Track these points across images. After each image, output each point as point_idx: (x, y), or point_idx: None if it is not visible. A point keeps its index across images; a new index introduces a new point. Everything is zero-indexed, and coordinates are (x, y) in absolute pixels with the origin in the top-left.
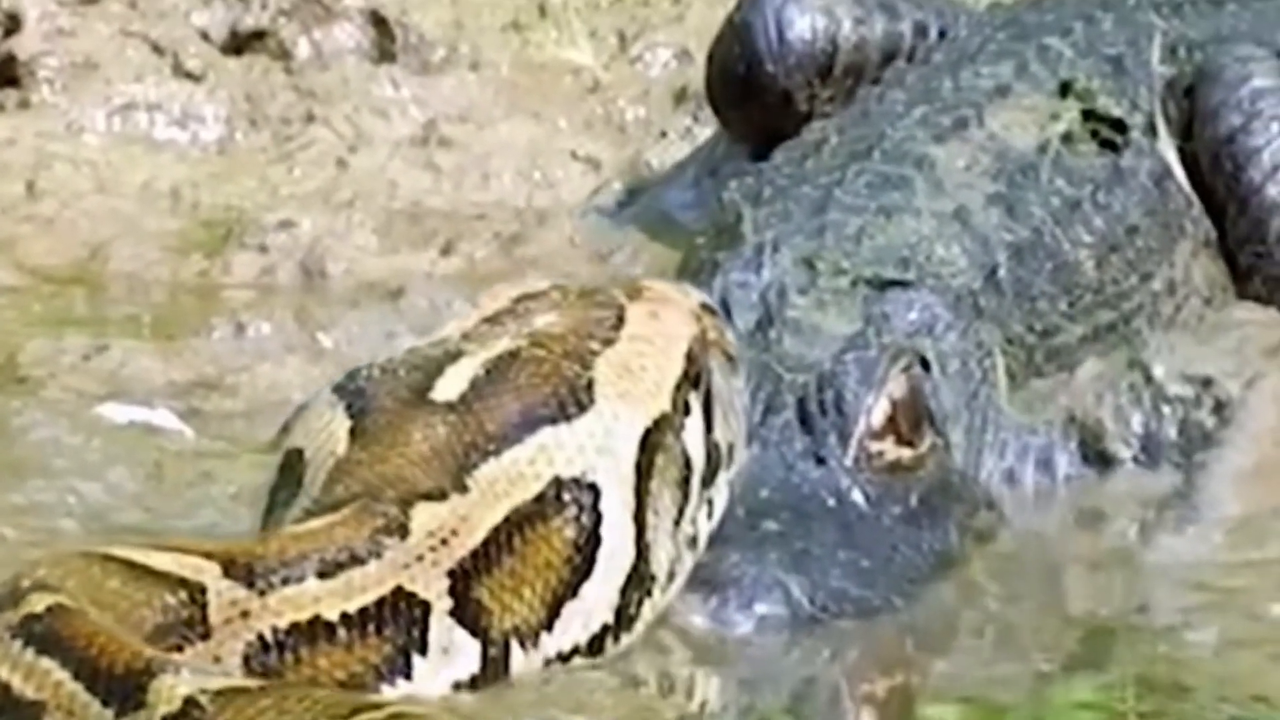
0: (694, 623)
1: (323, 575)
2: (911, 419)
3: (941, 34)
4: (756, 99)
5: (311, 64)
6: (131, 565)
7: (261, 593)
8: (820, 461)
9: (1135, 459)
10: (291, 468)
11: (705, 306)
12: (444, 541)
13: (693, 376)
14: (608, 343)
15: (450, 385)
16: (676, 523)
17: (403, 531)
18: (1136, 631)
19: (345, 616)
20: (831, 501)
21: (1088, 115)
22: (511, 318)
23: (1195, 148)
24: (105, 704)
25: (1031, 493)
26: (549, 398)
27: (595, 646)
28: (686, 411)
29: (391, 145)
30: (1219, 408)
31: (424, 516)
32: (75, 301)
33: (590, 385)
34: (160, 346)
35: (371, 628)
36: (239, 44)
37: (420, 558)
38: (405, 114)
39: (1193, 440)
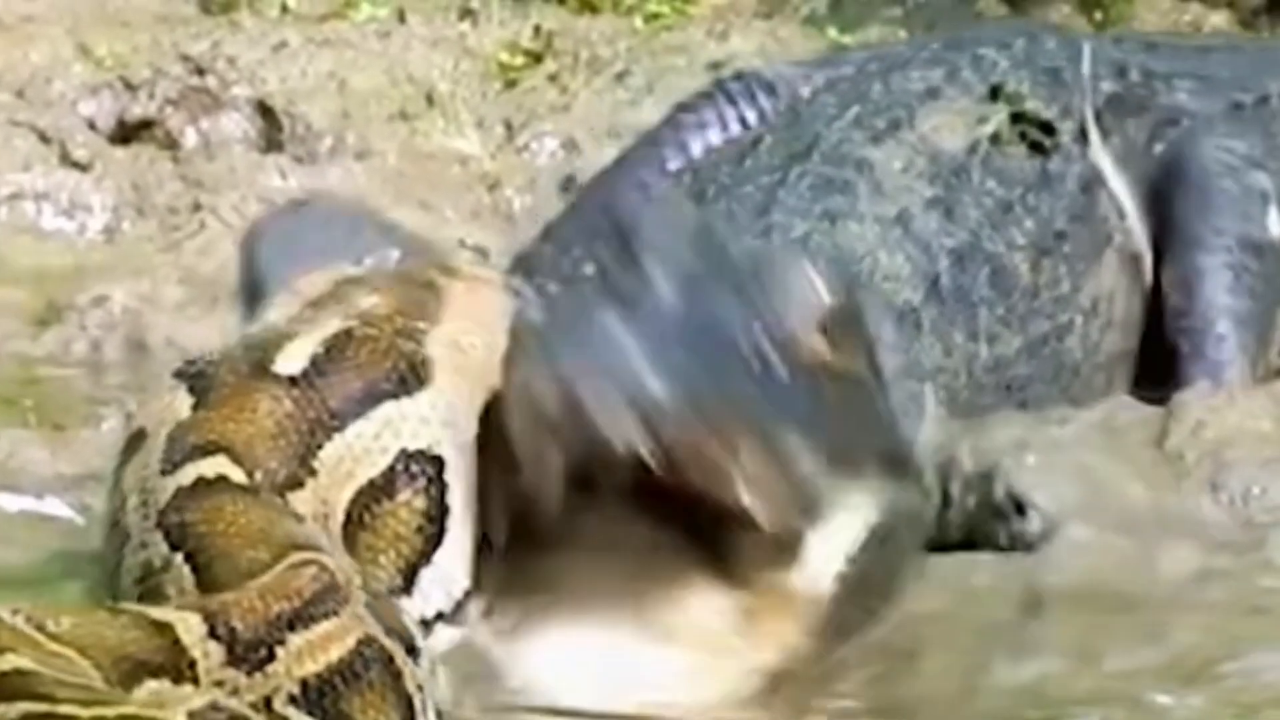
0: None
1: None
2: (850, 330)
3: None
4: None
5: (199, 153)
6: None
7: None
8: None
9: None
10: (134, 446)
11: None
12: (326, 524)
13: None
14: (434, 321)
15: (291, 360)
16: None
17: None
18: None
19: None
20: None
21: (1016, 118)
22: (335, 301)
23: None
24: None
25: None
26: (390, 373)
27: (458, 612)
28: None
29: None
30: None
31: (299, 506)
32: None
33: (426, 362)
34: (49, 437)
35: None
36: (126, 133)
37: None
38: None
39: None
